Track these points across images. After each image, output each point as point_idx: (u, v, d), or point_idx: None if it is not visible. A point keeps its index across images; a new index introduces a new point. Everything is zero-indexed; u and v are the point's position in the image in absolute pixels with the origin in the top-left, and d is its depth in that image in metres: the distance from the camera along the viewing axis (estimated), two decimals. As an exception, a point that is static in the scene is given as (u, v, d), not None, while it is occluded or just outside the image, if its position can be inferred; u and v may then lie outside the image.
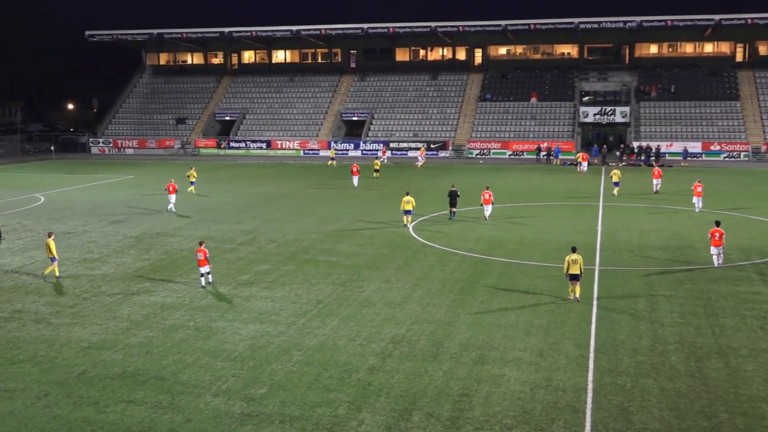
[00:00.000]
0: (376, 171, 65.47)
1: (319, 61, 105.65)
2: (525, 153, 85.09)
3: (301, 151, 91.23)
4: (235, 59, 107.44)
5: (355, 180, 59.49)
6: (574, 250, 26.82)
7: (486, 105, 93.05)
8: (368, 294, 27.31)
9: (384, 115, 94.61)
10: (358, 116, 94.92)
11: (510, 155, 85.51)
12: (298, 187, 58.95)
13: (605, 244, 35.74)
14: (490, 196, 43.26)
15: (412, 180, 62.95)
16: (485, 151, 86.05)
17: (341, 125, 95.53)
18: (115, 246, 36.34)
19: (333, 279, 29.56)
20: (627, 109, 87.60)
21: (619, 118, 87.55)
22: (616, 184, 53.55)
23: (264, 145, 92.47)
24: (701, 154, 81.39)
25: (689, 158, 78.66)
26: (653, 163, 75.90)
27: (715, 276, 29.62)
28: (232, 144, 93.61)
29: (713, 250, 31.14)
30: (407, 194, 42.09)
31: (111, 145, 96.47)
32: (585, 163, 70.76)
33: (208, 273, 28.66)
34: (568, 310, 25.02)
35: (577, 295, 26.28)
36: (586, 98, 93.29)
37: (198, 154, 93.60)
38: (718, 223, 31.68)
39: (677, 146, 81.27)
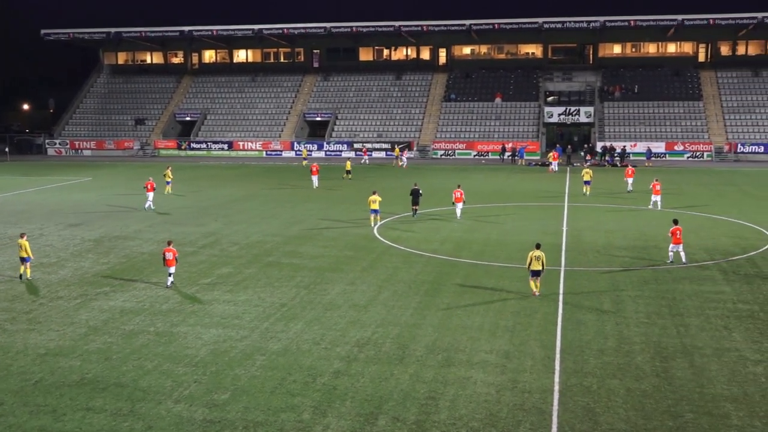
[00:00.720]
0: (348, 172, 65.14)
1: (282, 60, 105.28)
2: (490, 153, 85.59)
3: (264, 152, 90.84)
4: (195, 59, 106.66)
5: (315, 180, 59.40)
6: (538, 246, 27.42)
7: (450, 105, 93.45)
8: (333, 297, 27.24)
9: (348, 115, 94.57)
10: (321, 116, 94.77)
11: (475, 156, 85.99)
12: (260, 189, 58.66)
13: (571, 245, 36.04)
14: (461, 194, 44.03)
15: (379, 180, 62.96)
16: (450, 151, 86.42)
17: (304, 126, 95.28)
18: (73, 250, 35.85)
19: (297, 282, 29.44)
20: (591, 109, 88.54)
21: (583, 119, 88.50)
22: (587, 182, 54.08)
23: (226, 146, 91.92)
24: (665, 154, 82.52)
25: (653, 158, 79.71)
26: (617, 163, 76.80)
27: (679, 276, 30.00)
28: (193, 145, 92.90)
29: (675, 247, 31.86)
30: (374, 193, 42.34)
31: (68, 146, 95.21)
32: (555, 163, 71.36)
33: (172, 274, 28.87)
34: (534, 311, 25.17)
35: (537, 289, 27.25)
36: (550, 98, 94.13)
37: (158, 155, 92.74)
38: (676, 222, 32.39)
39: (641, 146, 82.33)
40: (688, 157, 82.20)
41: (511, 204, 50.06)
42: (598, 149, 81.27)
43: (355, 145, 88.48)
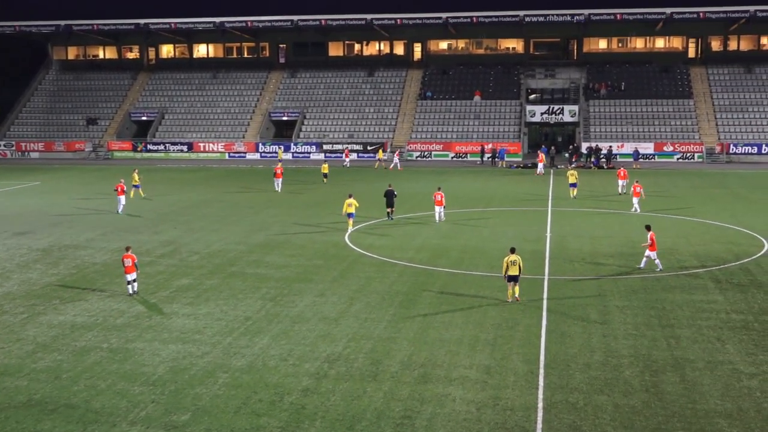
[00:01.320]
0: (325, 175, 64.47)
1: (245, 55, 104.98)
2: (468, 155, 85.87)
3: (226, 154, 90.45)
4: (152, 54, 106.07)
5: (278, 183, 59.25)
6: (513, 250, 28.11)
7: (426, 103, 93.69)
8: (301, 309, 27.18)
9: (316, 114, 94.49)
10: (288, 116, 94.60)
11: (452, 157, 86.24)
12: (222, 193, 58.44)
13: (555, 252, 36.24)
14: (442, 197, 44.66)
15: (357, 184, 62.94)
16: (426, 152, 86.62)
17: (270, 126, 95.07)
18: (19, 260, 35.48)
19: (262, 293, 29.35)
20: (576, 107, 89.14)
21: (567, 118, 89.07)
22: (573, 185, 54.42)
23: (185, 148, 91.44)
24: (653, 155, 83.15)
25: (641, 160, 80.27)
26: (603, 165, 77.38)
27: (669, 284, 30.26)
28: (150, 147, 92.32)
29: (650, 254, 32.19)
30: (350, 196, 42.67)
31: (13, 148, 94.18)
32: (541, 165, 71.57)
33: (134, 281, 29.03)
34: (516, 323, 25.27)
35: (517, 296, 27.85)
36: (532, 96, 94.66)
37: (111, 157, 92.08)
38: (649, 228, 32.67)
39: (628, 147, 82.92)
40: (678, 159, 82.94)
41: (491, 209, 50.24)
42: (583, 150, 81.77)
43: (335, 147, 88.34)
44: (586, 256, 35.42)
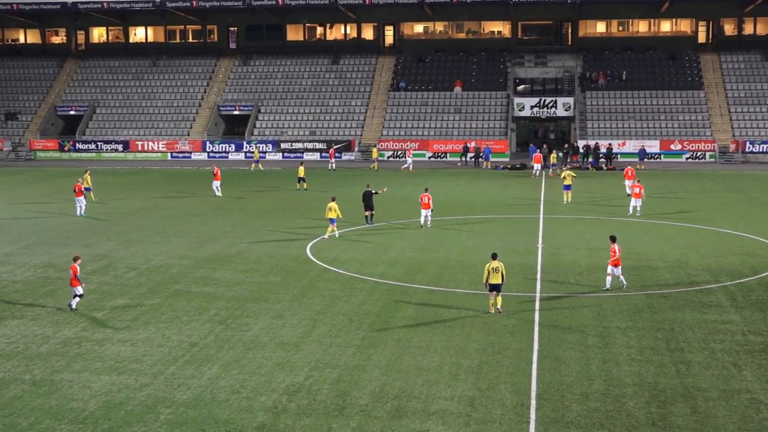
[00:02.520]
0: (301, 180, 63.02)
1: (190, 40, 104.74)
2: (448, 155, 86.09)
3: (168, 154, 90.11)
4: (81, 38, 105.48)
5: (216, 186, 58.88)
6: (494, 256, 28.91)
7: (400, 96, 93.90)
8: (256, 333, 27.08)
9: (273, 108, 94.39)
10: (240, 110, 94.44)
11: (430, 157, 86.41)
12: (164, 200, 58.16)
13: (547, 266, 36.37)
14: (429, 199, 45.55)
15: (339, 189, 62.81)
16: (399, 152, 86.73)
17: (219, 121, 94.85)
18: (-74, 278, 35.11)
19: (211, 315, 29.21)
20: (570, 100, 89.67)
21: (561, 112, 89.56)
22: (567, 187, 54.74)
23: (120, 147, 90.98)
24: (659, 154, 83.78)
25: (647, 159, 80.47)
26: (603, 165, 77.87)
27: (678, 302, 30.47)
28: (79, 146, 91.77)
29: (614, 270, 31.91)
30: (333, 200, 43.30)
31: None
32: (538, 166, 71.27)
33: (81, 295, 29.83)
34: (504, 347, 25.33)
35: (499, 307, 28.63)
36: (521, 87, 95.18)
37: (34, 158, 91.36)
38: (614, 239, 32.49)
39: (632, 145, 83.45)
40: (687, 158, 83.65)
41: (474, 216, 50.37)
42: (580, 149, 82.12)
43: (294, 145, 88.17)
44: (583, 270, 35.59)
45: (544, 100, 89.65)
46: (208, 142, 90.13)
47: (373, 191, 47.18)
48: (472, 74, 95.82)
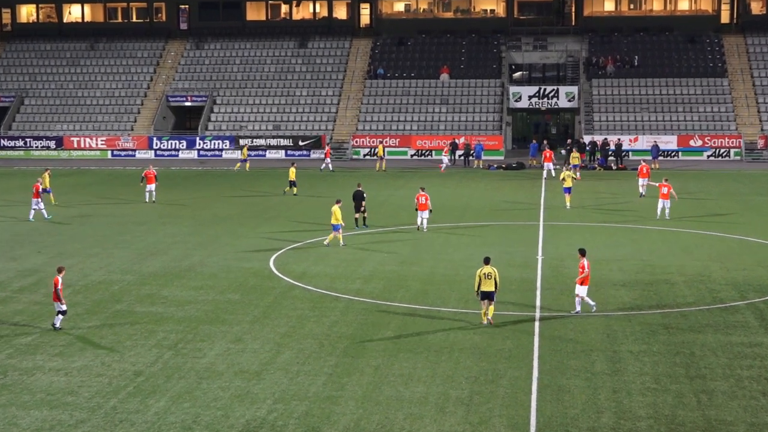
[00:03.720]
0: (292, 184, 62.11)
1: (134, 20, 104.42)
2: (434, 152, 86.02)
3: (109, 152, 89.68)
4: (6, 17, 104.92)
5: (150, 189, 58.80)
6: (487, 261, 29.56)
7: (377, 84, 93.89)
8: (211, 360, 26.99)
9: (230, 99, 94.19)
10: (192, 101, 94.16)
11: (413, 156, 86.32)
12: (103, 206, 57.96)
13: (548, 281, 36.42)
14: (426, 199, 46.40)
15: (317, 192, 62.67)
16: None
17: (168, 114, 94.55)
18: None
19: (158, 339, 29.09)
20: (574, 89, 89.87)
21: (564, 103, 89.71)
22: (567, 190, 54.87)
23: (52, 144, 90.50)
24: (676, 151, 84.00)
25: (661, 158, 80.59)
26: (612, 165, 78.01)
27: (699, 322, 30.56)
28: (4, 142, 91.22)
29: (580, 290, 31.56)
30: (337, 203, 43.64)
31: None
32: (549, 165, 70.28)
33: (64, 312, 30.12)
34: (499, 375, 25.33)
35: (490, 317, 29.33)
36: (517, 74, 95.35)
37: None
38: (583, 253, 32.21)
39: (644, 141, 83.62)
40: (708, 156, 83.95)
41: (464, 224, 50.40)
42: (586, 145, 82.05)
43: (255, 142, 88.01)
44: (590, 286, 35.64)
45: (544, 90, 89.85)
46: (155, 139, 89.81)
47: (365, 193, 47.94)
48: (461, 59, 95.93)
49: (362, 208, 47.87)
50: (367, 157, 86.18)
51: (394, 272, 38.36)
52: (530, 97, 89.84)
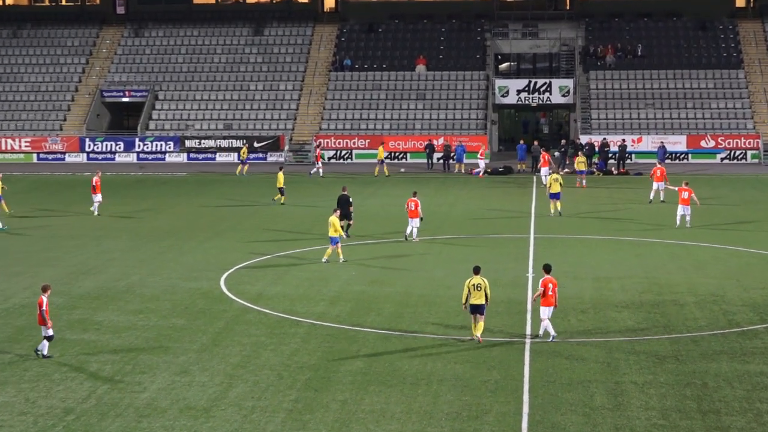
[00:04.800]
0: (280, 192, 61.83)
1: (64, 2, 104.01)
2: (408, 155, 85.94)
3: (34, 155, 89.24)
4: None
5: (96, 201, 58.06)
6: (477, 270, 30.07)
7: (344, 77, 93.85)
8: (152, 395, 26.88)
9: (175, 94, 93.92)
10: (130, 96, 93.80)
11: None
12: (27, 217, 57.71)
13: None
14: (416, 205, 47.24)
15: (299, 198, 62.56)
16: (344, 151, 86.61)
17: (102, 111, 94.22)
18: None
19: (92, 371, 28.96)
20: (570, 82, 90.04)
21: (557, 98, 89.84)
22: (554, 196, 55.11)
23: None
24: (686, 153, 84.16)
25: (668, 160, 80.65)
26: (613, 169, 78.13)
27: (713, 349, 30.63)
28: None
29: (545, 312, 31.56)
30: (334, 212, 44.14)
31: None
32: (545, 170, 69.85)
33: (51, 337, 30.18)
34: (484, 410, 25.32)
35: (479, 335, 30.00)
36: (504, 66, 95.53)
37: None
38: (548, 270, 32.34)
39: (650, 142, 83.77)
40: (722, 159, 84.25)
41: (443, 237, 50.43)
42: (584, 147, 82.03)
43: (204, 143, 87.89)
44: (587, 308, 35.70)
45: (535, 83, 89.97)
46: (87, 140, 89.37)
47: (351, 198, 48.94)
48: (439, 48, 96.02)
49: (350, 215, 48.61)
50: (333, 160, 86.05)
51: (363, 292, 38.33)
52: (519, 92, 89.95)
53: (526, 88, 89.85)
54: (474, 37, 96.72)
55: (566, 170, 75.30)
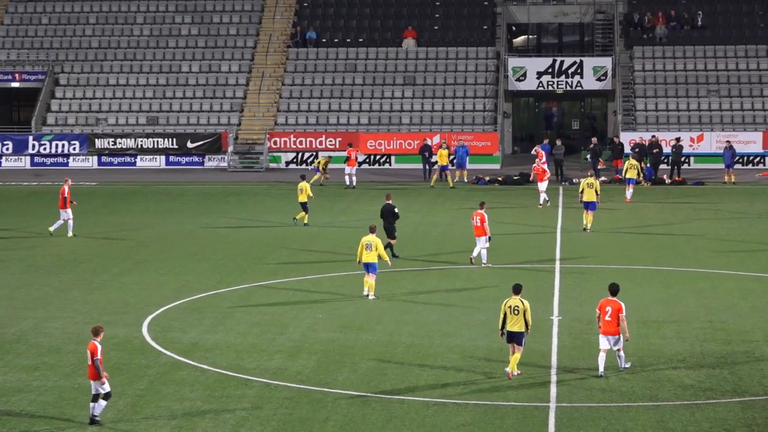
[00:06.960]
0: (304, 209, 61.53)
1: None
2: (394, 158, 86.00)
3: None
4: None
5: (64, 218, 58.21)
6: (516, 290, 31.02)
7: (307, 55, 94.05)
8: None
9: (81, 77, 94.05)
10: (21, 80, 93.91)
11: (363, 163, 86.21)
12: None
13: (568, 354, 36.49)
14: (482, 220, 48.32)
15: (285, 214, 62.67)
16: (307, 152, 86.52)
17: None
18: None
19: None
20: (607, 62, 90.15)
21: (590, 83, 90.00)
22: (589, 206, 55.22)
23: None
24: (762, 156, 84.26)
25: (739, 165, 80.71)
26: (665, 178, 77.98)
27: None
28: None
29: (603, 342, 33.16)
30: (371, 231, 44.31)
31: None
32: (545, 185, 69.90)
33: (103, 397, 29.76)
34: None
35: (511, 369, 31.10)
36: (520, 39, 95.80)
37: None
38: (615, 291, 33.84)
39: (713, 140, 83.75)
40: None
41: (440, 266, 50.56)
42: (626, 148, 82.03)
43: (121, 144, 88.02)
44: (632, 362, 35.74)
45: (562, 63, 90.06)
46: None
47: (396, 208, 50.28)
48: (434, 17, 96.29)
49: (394, 233, 49.77)
50: (293, 165, 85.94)
51: (333, 341, 38.31)
52: (540, 75, 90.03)
53: (550, 70, 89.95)
54: (480, 2, 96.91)
55: (603, 179, 75.32)
